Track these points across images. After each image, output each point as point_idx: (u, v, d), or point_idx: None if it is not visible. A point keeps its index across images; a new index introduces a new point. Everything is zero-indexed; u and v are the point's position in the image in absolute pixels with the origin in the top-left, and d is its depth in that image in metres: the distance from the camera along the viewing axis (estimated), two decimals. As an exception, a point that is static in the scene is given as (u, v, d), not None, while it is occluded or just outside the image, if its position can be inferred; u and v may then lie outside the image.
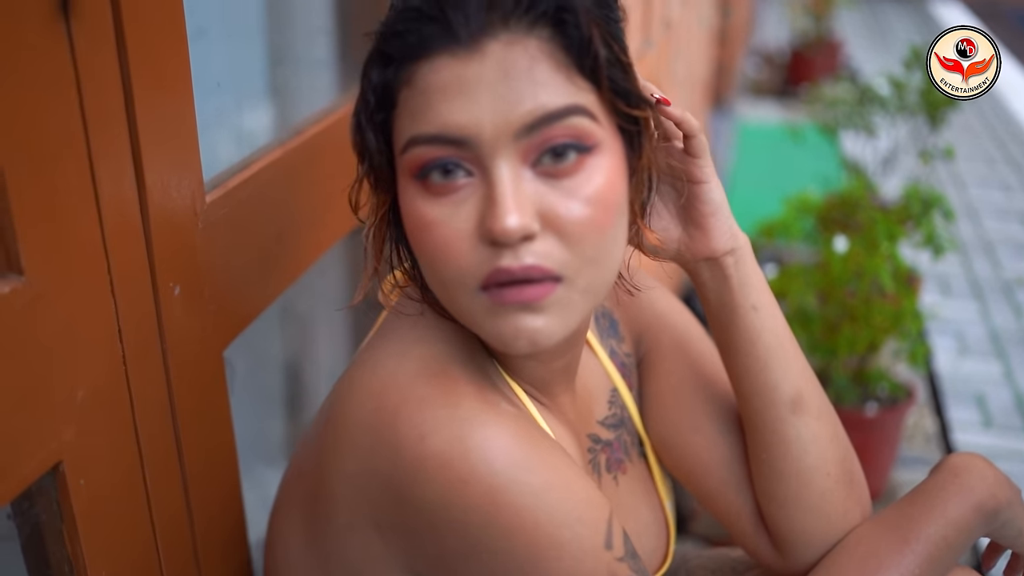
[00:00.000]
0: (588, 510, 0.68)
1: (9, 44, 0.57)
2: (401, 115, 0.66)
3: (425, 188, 0.66)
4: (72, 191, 0.65)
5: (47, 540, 0.70)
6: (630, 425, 0.91)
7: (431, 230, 0.65)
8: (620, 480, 0.87)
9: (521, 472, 0.65)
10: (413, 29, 0.64)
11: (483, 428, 0.66)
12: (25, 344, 0.62)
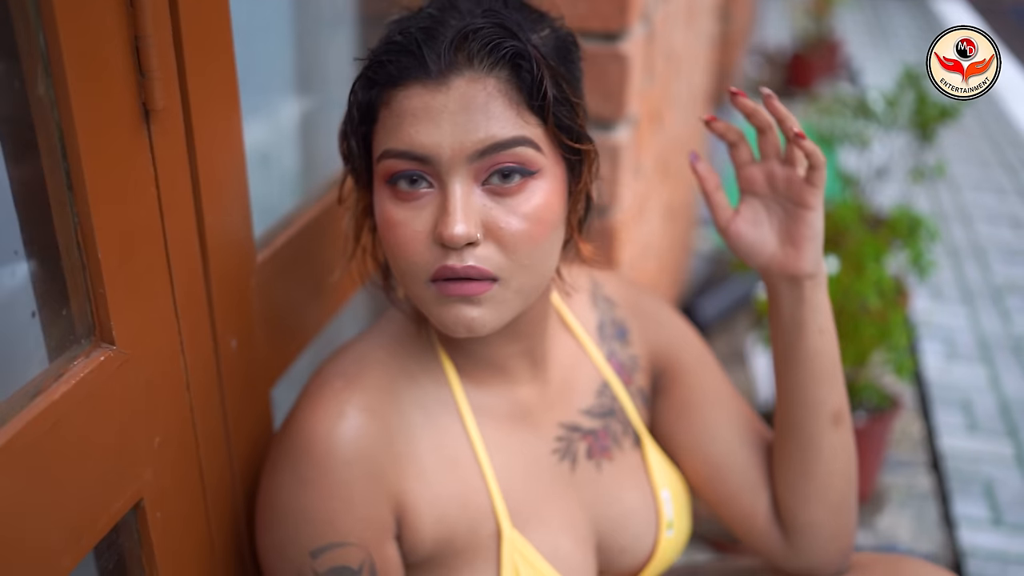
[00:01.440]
0: (323, 519, 0.81)
1: (103, 143, 0.67)
2: (379, 130, 0.79)
3: (393, 193, 0.79)
4: (151, 270, 0.75)
5: (130, 567, 0.81)
6: (622, 416, 1.00)
7: (395, 228, 0.78)
8: (603, 466, 0.97)
9: (314, 463, 0.82)
10: (394, 60, 0.77)
11: (332, 415, 0.83)
12: (116, 402, 0.73)
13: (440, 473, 0.87)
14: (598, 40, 1.36)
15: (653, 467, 1.00)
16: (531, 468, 0.92)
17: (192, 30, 0.75)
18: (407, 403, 0.88)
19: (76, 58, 0.64)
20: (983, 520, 1.96)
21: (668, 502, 1.00)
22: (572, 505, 0.94)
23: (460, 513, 0.88)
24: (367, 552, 0.83)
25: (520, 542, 0.89)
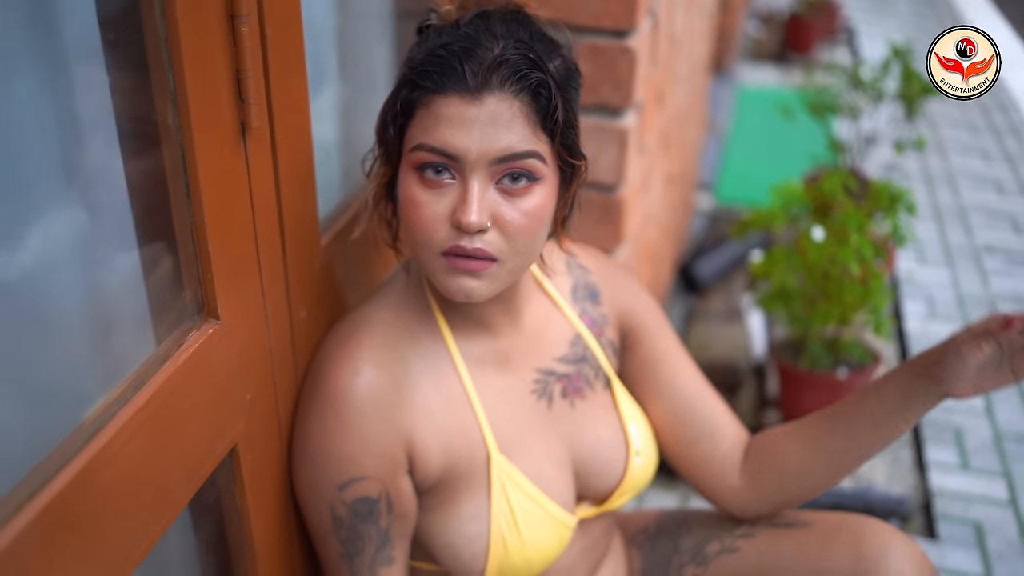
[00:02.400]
0: (346, 457, 0.99)
1: (213, 156, 0.83)
2: (415, 125, 0.94)
3: (420, 178, 0.94)
4: (245, 258, 0.92)
5: (224, 500, 0.99)
6: (594, 363, 1.18)
7: (418, 208, 0.94)
8: (576, 404, 1.15)
9: (335, 412, 0.99)
10: (439, 71, 0.92)
11: (349, 368, 1.00)
12: (219, 366, 0.90)
13: (441, 412, 1.05)
14: (609, 36, 1.50)
15: (621, 405, 1.18)
16: (513, 406, 1.10)
17: (277, 64, 0.91)
18: (409, 356, 1.05)
19: (195, 93, 0.80)
20: (952, 465, 2.15)
21: (636, 434, 1.18)
22: (551, 436, 1.12)
23: (459, 443, 1.05)
24: (384, 484, 1.01)
25: (506, 465, 1.06)
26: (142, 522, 0.80)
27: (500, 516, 1.05)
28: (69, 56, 0.76)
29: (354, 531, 1.01)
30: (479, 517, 1.05)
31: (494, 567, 1.06)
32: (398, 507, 1.02)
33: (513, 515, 1.05)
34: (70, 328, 0.81)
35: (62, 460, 0.71)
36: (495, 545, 1.04)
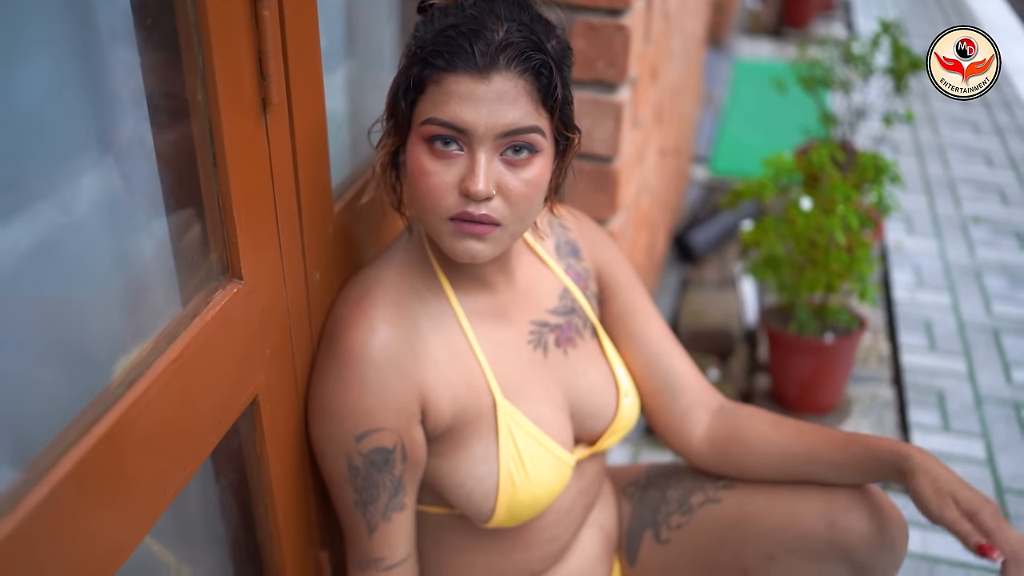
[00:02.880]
0: (362, 410, 1.07)
1: (238, 130, 0.91)
2: (425, 100, 1.02)
3: (430, 149, 1.02)
4: (265, 223, 1.00)
5: (246, 448, 1.08)
6: (581, 314, 1.27)
7: (428, 176, 1.02)
8: (569, 352, 1.24)
9: (353, 368, 1.07)
10: (450, 51, 0.99)
11: (365, 326, 1.08)
12: (243, 323, 0.98)
13: (448, 363, 1.13)
14: (604, 15, 1.57)
15: (608, 351, 1.28)
16: (513, 355, 1.19)
17: (295, 45, 0.98)
18: (417, 313, 1.13)
19: (222, 72, 0.87)
20: (934, 426, 2.24)
21: (623, 377, 1.27)
22: (548, 382, 1.21)
23: (466, 391, 1.14)
24: (399, 435, 1.09)
25: (511, 409, 1.15)
26: (172, 466, 0.88)
27: (508, 457, 1.14)
28: (104, 38, 0.83)
29: (369, 480, 1.09)
30: (488, 458, 1.14)
31: (503, 505, 1.14)
32: (411, 455, 1.10)
33: (520, 455, 1.14)
34: (107, 286, 0.89)
35: (101, 410, 0.79)
36: (504, 483, 1.13)
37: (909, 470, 1.08)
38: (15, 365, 0.77)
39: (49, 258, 0.79)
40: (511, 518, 1.16)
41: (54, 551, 0.72)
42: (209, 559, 1.14)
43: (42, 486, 0.71)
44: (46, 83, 0.75)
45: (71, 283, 0.83)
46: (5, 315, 0.74)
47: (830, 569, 1.17)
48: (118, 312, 0.90)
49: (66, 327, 0.84)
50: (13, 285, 0.75)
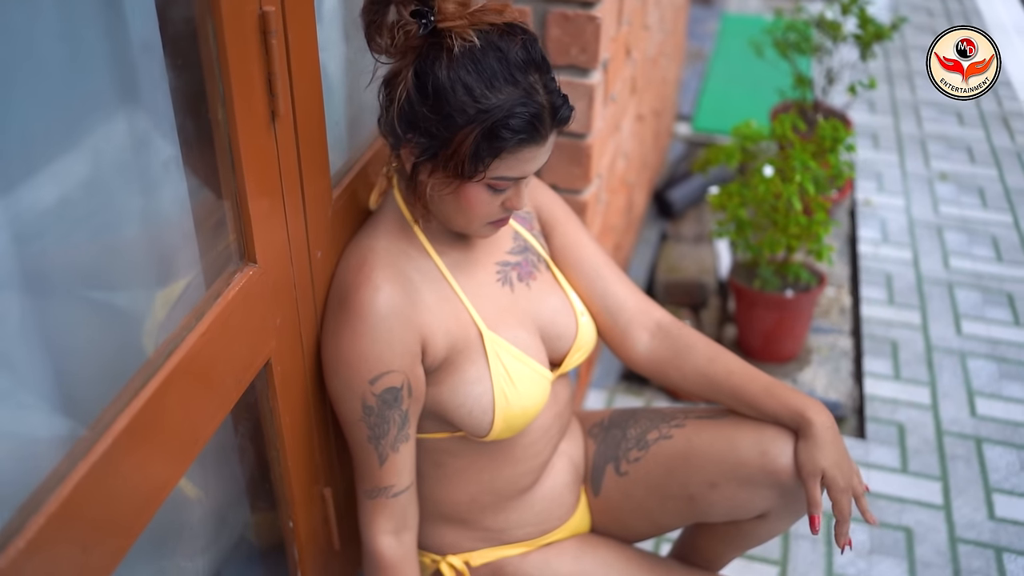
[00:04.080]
0: (375, 357, 1.26)
1: (251, 137, 1.09)
2: (499, 161, 1.21)
3: (491, 190, 1.24)
4: (275, 213, 1.18)
5: (261, 403, 1.27)
6: (533, 251, 1.48)
7: (483, 205, 1.25)
8: (531, 285, 1.45)
9: (364, 316, 1.26)
10: (524, 130, 1.18)
11: (370, 286, 1.27)
12: (257, 299, 1.16)
13: (438, 306, 1.34)
14: (577, 6, 1.73)
15: (561, 280, 1.49)
16: (488, 293, 1.40)
17: (297, 66, 1.15)
18: (408, 269, 1.33)
19: (238, 92, 1.05)
20: (886, 375, 2.44)
21: (577, 300, 1.49)
22: (519, 312, 1.42)
23: (456, 327, 1.34)
24: (405, 374, 1.29)
25: (494, 336, 1.36)
26: (203, 419, 1.08)
27: (498, 376, 1.35)
28: (139, 68, 1.01)
29: (381, 416, 1.29)
30: (482, 379, 1.35)
31: (500, 417, 1.34)
32: (416, 391, 1.31)
33: (508, 374, 1.35)
34: (147, 270, 1.07)
35: (146, 376, 0.98)
36: (499, 398, 1.34)
37: (803, 433, 1.32)
38: (73, 339, 0.96)
39: (111, 257, 0.98)
40: (507, 429, 1.36)
41: (117, 487, 0.92)
42: (231, 494, 1.35)
43: (105, 438, 0.90)
44: (96, 104, 0.93)
45: (124, 274, 1.02)
46: (71, 309, 0.93)
47: (762, 493, 1.38)
48: (154, 289, 1.09)
49: (116, 305, 1.03)
50: (78, 287, 0.94)
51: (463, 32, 1.18)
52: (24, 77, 0.82)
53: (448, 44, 1.18)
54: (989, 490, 2.10)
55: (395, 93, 1.22)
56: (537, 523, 1.51)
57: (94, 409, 0.94)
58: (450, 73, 1.18)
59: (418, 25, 1.18)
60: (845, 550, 1.63)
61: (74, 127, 0.90)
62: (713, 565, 1.62)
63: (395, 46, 1.20)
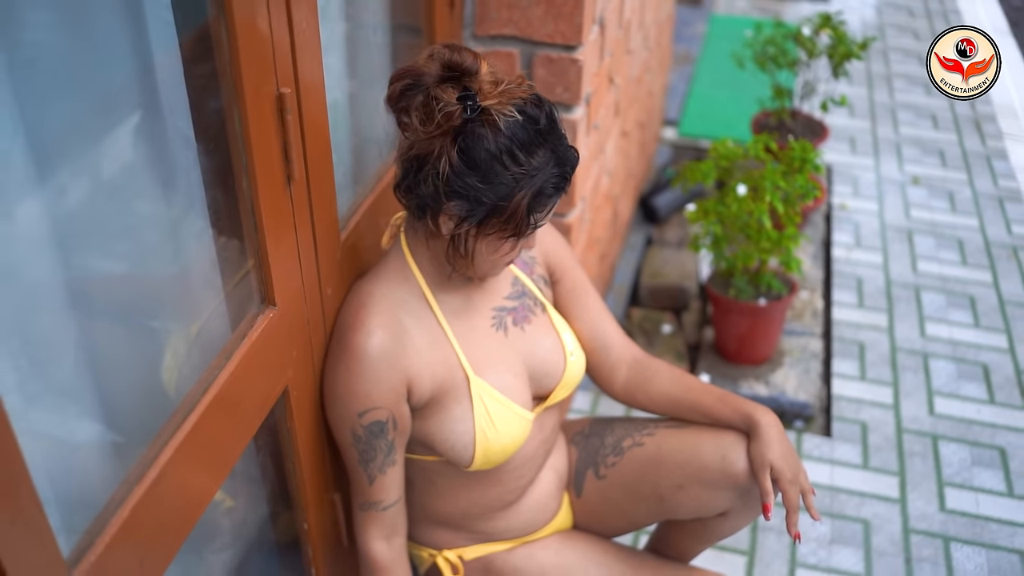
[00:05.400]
0: (363, 393, 1.42)
1: (270, 199, 1.26)
2: (539, 213, 1.36)
3: (518, 240, 1.38)
4: (290, 260, 1.35)
5: (279, 424, 1.45)
6: (531, 295, 1.63)
7: (512, 252, 1.40)
8: (526, 328, 1.60)
9: (354, 357, 1.41)
10: (561, 185, 1.34)
11: (362, 330, 1.42)
12: (275, 337, 1.34)
13: (428, 350, 1.49)
14: (560, 50, 1.90)
15: (555, 322, 1.64)
16: (480, 338, 1.54)
17: (310, 136, 1.32)
18: (403, 315, 1.48)
19: (259, 162, 1.22)
20: (852, 376, 2.62)
21: (568, 340, 1.64)
22: (509, 355, 1.57)
23: (443, 369, 1.50)
24: (390, 411, 1.46)
25: (480, 382, 1.51)
26: (235, 437, 1.26)
27: (480, 417, 1.51)
28: (174, 148, 1.18)
29: (369, 444, 1.47)
30: (465, 419, 1.51)
31: (480, 453, 1.51)
32: (400, 425, 1.48)
33: (489, 415, 1.51)
34: (185, 314, 1.25)
35: (191, 405, 1.16)
36: (479, 436, 1.50)
37: (753, 433, 1.51)
38: (133, 374, 1.14)
39: (158, 298, 1.16)
40: (487, 462, 1.54)
41: (167, 505, 1.10)
42: (255, 500, 1.53)
43: (155, 466, 1.09)
44: (135, 174, 1.11)
45: (168, 317, 1.20)
46: (123, 350, 1.11)
47: (723, 495, 1.56)
48: (193, 334, 1.27)
49: (159, 348, 1.21)
50: (127, 327, 1.12)
51: (503, 109, 1.29)
52: (94, 176, 1.00)
53: (492, 120, 1.29)
54: (942, 484, 2.28)
55: (432, 168, 1.31)
56: (524, 527, 1.70)
57: (147, 437, 1.12)
58: (497, 145, 1.29)
59: (463, 107, 1.29)
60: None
61: (128, 209, 1.07)
62: (684, 557, 1.81)
63: (434, 125, 1.30)
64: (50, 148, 0.96)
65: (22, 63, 0.90)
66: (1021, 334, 2.78)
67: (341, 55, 1.64)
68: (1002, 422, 2.47)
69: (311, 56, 1.31)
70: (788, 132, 3.16)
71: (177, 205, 1.16)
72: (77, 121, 1.00)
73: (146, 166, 1.09)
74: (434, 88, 1.31)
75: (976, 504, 2.23)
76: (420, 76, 1.31)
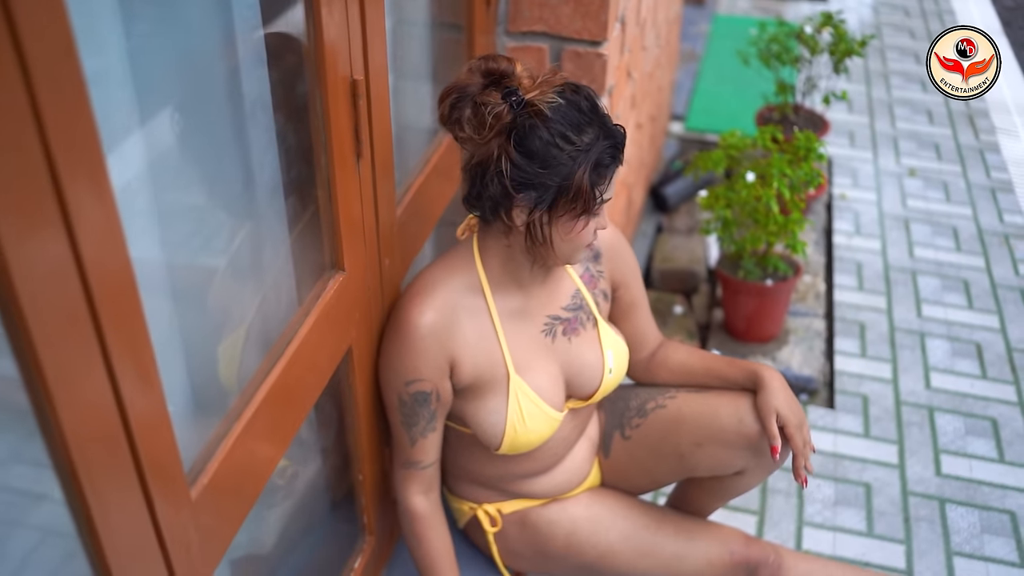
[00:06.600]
0: (411, 366, 1.56)
1: (342, 173, 1.41)
2: (602, 187, 1.47)
3: (592, 215, 1.50)
4: (357, 229, 1.51)
5: (342, 381, 1.61)
6: (587, 309, 1.76)
7: (588, 234, 1.50)
8: (572, 340, 1.73)
9: (407, 333, 1.55)
10: (615, 155, 1.46)
11: (418, 310, 1.55)
12: (343, 299, 1.50)
13: (475, 342, 1.62)
14: (587, 45, 2.06)
15: (603, 339, 1.76)
16: (527, 341, 1.68)
17: (376, 120, 1.48)
18: (459, 306, 1.61)
19: (335, 140, 1.38)
20: (853, 353, 2.79)
21: (610, 358, 1.76)
22: (550, 361, 1.70)
23: (486, 364, 1.63)
24: (435, 384, 1.60)
25: (519, 380, 1.65)
26: (307, 394, 1.41)
27: (513, 412, 1.65)
28: (260, 124, 1.33)
29: (412, 411, 1.62)
30: (499, 411, 1.65)
31: (507, 443, 1.66)
32: (443, 398, 1.63)
33: (522, 412, 1.65)
34: (268, 291, 1.40)
35: (272, 362, 1.31)
36: (509, 430, 1.65)
37: (759, 386, 1.67)
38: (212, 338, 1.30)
39: (240, 270, 1.32)
40: (513, 450, 1.68)
41: (257, 443, 1.26)
42: (312, 457, 1.69)
43: (246, 413, 1.24)
44: (226, 157, 1.27)
45: (252, 289, 1.35)
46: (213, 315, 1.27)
47: (739, 454, 1.72)
48: (278, 296, 1.43)
49: (254, 309, 1.37)
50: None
51: (545, 98, 1.41)
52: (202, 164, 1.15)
53: (538, 110, 1.40)
54: (937, 451, 2.45)
55: (495, 168, 1.42)
56: (557, 489, 1.85)
57: (242, 383, 1.28)
58: (549, 131, 1.40)
59: (508, 104, 1.41)
60: (810, 501, 1.97)
61: (233, 197, 1.23)
62: (701, 513, 1.96)
63: (487, 129, 1.41)
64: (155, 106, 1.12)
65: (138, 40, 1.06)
66: (1012, 315, 2.95)
67: (390, 49, 1.80)
68: (994, 395, 2.63)
69: (378, 47, 1.47)
70: (791, 126, 3.32)
71: (264, 178, 1.32)
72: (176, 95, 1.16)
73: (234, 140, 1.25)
74: (479, 96, 1.42)
75: (970, 469, 2.39)
76: (464, 88, 1.44)
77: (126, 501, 0.96)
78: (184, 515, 1.08)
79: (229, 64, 1.25)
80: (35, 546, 0.96)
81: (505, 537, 1.86)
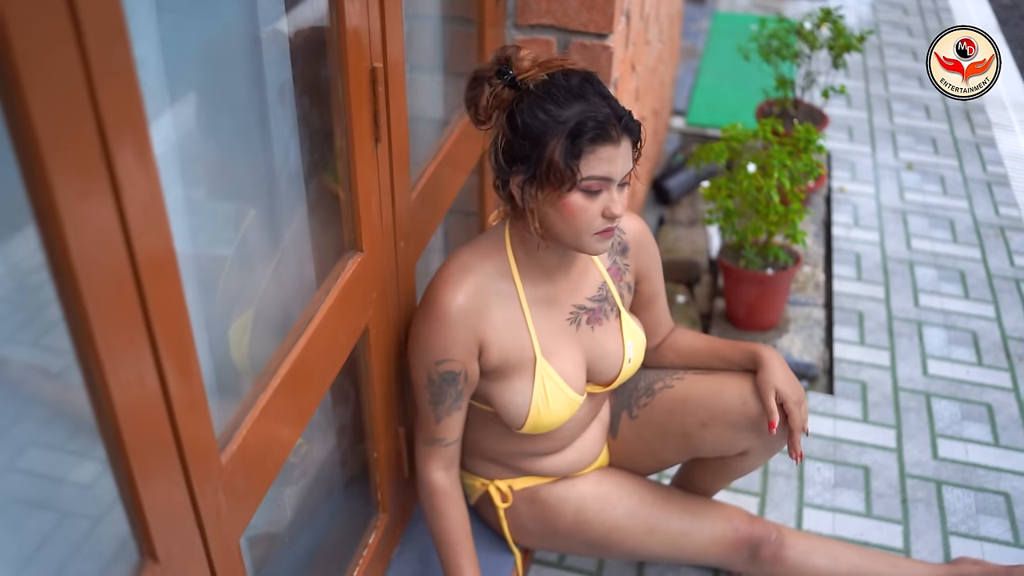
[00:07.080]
0: (441, 346, 1.61)
1: (361, 155, 1.47)
2: (583, 162, 1.50)
3: (585, 195, 1.53)
4: (374, 211, 1.56)
5: (358, 360, 1.66)
6: (611, 301, 1.82)
7: (584, 212, 1.52)
8: (596, 328, 1.79)
9: (439, 314, 1.59)
10: (601, 134, 1.48)
11: (451, 292, 1.59)
12: (361, 279, 1.55)
13: (504, 326, 1.68)
14: (593, 37, 2.11)
15: (624, 329, 1.82)
16: (554, 327, 1.73)
17: (393, 106, 1.53)
18: (488, 290, 1.66)
19: (356, 124, 1.43)
20: (852, 341, 2.84)
21: (631, 348, 1.82)
22: (575, 349, 1.76)
23: (513, 347, 1.69)
24: (463, 365, 1.66)
25: (545, 363, 1.71)
26: (325, 373, 1.47)
27: (538, 395, 1.70)
28: (282, 109, 1.39)
29: (440, 389, 1.67)
30: (524, 392, 1.71)
31: (530, 423, 1.71)
32: (471, 378, 1.68)
33: (546, 394, 1.70)
34: (284, 272, 1.46)
35: (293, 341, 1.37)
36: (533, 411, 1.70)
37: (759, 365, 1.73)
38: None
39: (263, 249, 1.37)
40: (535, 430, 1.74)
41: (276, 421, 1.31)
42: (328, 438, 1.75)
43: (270, 387, 1.29)
44: (242, 140, 1.32)
45: (274, 268, 1.41)
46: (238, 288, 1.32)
47: (743, 435, 1.77)
48: (295, 276, 1.49)
49: (265, 291, 1.42)
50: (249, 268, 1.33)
51: (535, 77, 1.51)
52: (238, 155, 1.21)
53: (527, 87, 1.50)
54: (934, 436, 2.50)
55: (494, 146, 1.54)
56: (568, 468, 1.90)
57: (263, 361, 1.33)
58: (531, 106, 1.48)
59: (502, 82, 1.51)
60: (810, 483, 2.02)
61: (258, 176, 1.29)
62: (705, 494, 2.02)
63: (491, 109, 1.53)
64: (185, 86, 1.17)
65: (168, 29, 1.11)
66: (1007, 304, 3.01)
67: (405, 40, 1.85)
68: (989, 382, 2.69)
69: (396, 36, 1.52)
70: (791, 120, 3.38)
71: (286, 159, 1.38)
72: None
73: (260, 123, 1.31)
74: (490, 81, 1.53)
75: (966, 453, 2.45)
76: (480, 74, 1.55)
77: (165, 465, 1.01)
78: (215, 480, 1.13)
79: (254, 52, 1.30)
80: (77, 504, 1.01)
81: (515, 513, 1.91)
